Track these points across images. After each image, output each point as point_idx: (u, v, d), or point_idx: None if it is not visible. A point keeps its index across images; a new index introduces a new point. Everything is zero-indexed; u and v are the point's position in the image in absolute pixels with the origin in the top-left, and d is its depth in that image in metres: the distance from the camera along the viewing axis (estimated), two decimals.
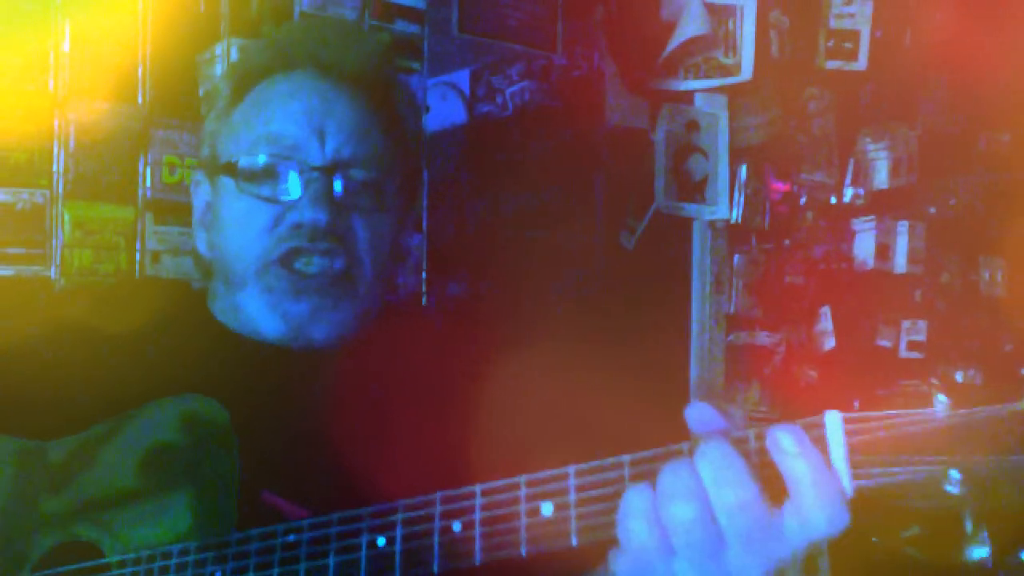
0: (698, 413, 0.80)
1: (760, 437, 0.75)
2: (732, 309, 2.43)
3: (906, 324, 2.70)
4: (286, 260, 1.14)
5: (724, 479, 0.74)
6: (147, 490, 0.99)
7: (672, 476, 0.75)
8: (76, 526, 1.02)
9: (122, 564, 0.99)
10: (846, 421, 0.72)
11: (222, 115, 1.24)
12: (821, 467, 0.72)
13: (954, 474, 0.68)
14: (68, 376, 1.17)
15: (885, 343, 2.68)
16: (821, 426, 0.73)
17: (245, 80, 1.23)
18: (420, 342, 1.35)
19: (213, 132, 1.24)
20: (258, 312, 1.16)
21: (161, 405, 1.02)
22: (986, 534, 2.49)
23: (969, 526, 2.38)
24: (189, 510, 0.96)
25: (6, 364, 1.17)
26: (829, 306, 2.54)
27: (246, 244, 1.16)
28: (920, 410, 0.71)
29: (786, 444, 0.73)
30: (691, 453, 0.76)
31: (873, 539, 2.47)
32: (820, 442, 0.73)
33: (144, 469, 1.00)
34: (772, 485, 0.74)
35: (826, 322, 2.53)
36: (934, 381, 2.50)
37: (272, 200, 1.15)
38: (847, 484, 0.72)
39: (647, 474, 0.77)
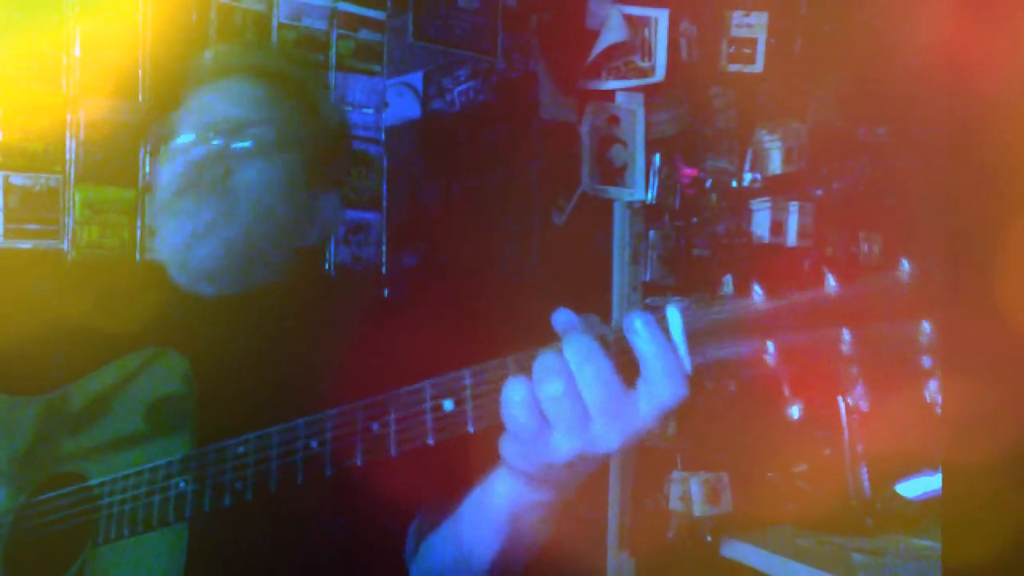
0: (561, 316, 0.87)
1: (617, 329, 0.82)
2: (647, 277, 2.47)
3: None
4: (179, 191, 1.21)
5: (584, 359, 0.80)
6: (151, 435, 1.06)
7: (542, 361, 0.82)
8: (83, 463, 1.09)
9: (101, 485, 1.05)
10: (683, 313, 0.81)
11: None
12: (665, 347, 0.80)
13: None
14: (74, 332, 1.23)
15: None
16: (664, 319, 0.81)
17: (183, 89, 1.32)
18: (375, 309, 1.41)
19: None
20: (161, 242, 1.23)
21: (160, 359, 1.10)
22: (865, 468, 2.64)
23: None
24: (185, 452, 1.02)
25: (26, 322, 1.24)
26: (731, 275, 2.57)
27: (160, 187, 1.25)
28: (739, 300, 0.79)
29: (638, 326, 0.81)
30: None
31: (769, 474, 2.54)
32: (664, 331, 0.81)
33: (149, 417, 1.07)
34: (627, 369, 0.81)
35: (728, 288, 2.57)
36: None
37: (178, 153, 1.23)
38: (686, 363, 0.80)
39: (528, 369, 0.83)
